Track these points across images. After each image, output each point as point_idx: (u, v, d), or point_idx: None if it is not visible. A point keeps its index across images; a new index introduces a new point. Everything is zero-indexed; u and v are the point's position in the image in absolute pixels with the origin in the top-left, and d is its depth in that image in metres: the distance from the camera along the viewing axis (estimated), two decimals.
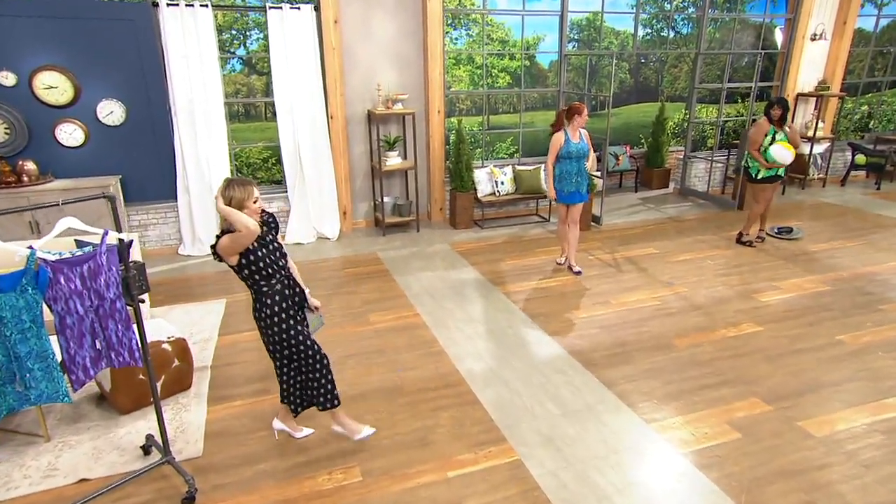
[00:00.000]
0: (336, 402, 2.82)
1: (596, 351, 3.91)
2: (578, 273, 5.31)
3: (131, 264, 2.46)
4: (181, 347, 3.38)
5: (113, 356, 2.39)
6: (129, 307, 2.44)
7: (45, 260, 2.14)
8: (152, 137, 5.71)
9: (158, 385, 3.27)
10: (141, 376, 3.16)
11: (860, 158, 8.64)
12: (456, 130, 6.65)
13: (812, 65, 8.11)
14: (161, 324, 3.57)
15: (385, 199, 6.67)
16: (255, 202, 2.52)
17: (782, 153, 5.44)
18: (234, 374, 3.70)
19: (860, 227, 6.57)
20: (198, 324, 4.41)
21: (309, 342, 2.72)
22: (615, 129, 6.35)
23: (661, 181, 8.53)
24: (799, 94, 8.17)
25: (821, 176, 8.58)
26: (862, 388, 3.42)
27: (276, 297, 2.60)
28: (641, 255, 5.80)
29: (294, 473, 2.79)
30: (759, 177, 5.72)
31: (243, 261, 2.51)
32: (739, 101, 8.93)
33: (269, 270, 2.56)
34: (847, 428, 3.06)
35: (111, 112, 5.44)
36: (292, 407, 2.87)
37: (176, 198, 5.91)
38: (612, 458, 2.86)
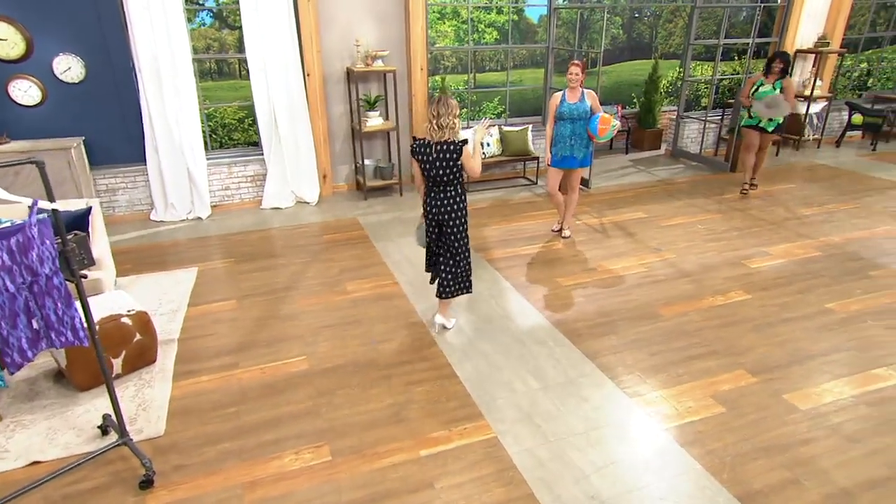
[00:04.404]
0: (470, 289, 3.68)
1: (580, 321, 3.78)
2: (567, 237, 5.16)
3: (70, 237, 2.25)
4: (142, 321, 3.20)
5: (53, 336, 2.21)
6: (70, 283, 2.25)
7: None
8: (116, 96, 5.37)
9: (119, 361, 3.11)
10: None
11: (857, 118, 8.40)
12: (440, 89, 6.34)
13: (813, 18, 7.75)
14: (121, 296, 3.37)
15: (366, 161, 6.41)
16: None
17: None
18: (203, 346, 3.54)
19: (854, 190, 6.41)
20: (168, 293, 4.22)
21: None
22: (606, 88, 6.07)
23: (653, 142, 8.30)
24: (797, 51, 7.85)
25: (816, 136, 8.36)
26: (850, 359, 3.32)
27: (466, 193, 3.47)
28: (630, 220, 5.63)
29: (260, 453, 2.66)
30: (743, 123, 6.22)
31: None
32: (736, 58, 8.61)
33: None
34: (833, 400, 2.97)
35: (69, 68, 5.09)
36: (462, 289, 3.60)
37: (145, 160, 5.62)
38: (591, 434, 2.75)
